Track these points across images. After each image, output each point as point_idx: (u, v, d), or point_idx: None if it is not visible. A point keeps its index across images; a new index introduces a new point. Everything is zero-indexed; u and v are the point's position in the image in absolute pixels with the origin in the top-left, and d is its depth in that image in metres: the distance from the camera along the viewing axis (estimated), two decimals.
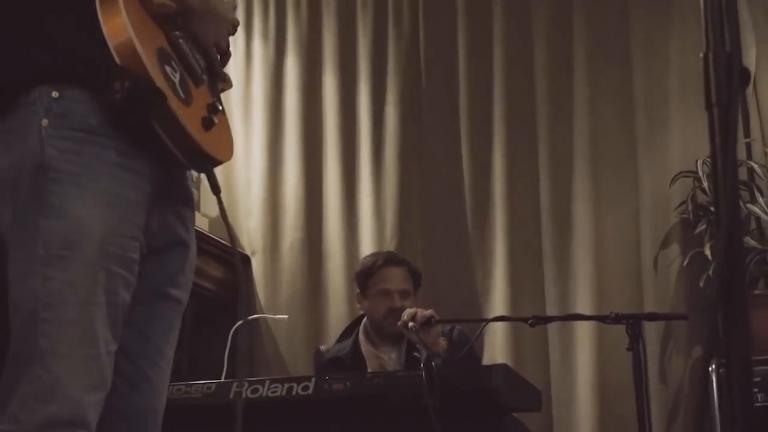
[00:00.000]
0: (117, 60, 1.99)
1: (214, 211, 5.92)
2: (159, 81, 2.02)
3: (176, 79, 2.11)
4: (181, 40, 2.19)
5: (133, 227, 2.09)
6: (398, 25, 5.90)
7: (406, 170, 5.72)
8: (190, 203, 2.35)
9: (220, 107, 2.26)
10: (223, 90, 2.43)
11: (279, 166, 5.96)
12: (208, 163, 2.20)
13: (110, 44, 2.00)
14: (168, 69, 2.10)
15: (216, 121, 2.19)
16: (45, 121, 2.01)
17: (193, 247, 2.34)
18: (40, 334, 1.96)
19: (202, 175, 2.35)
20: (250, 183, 5.98)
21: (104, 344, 2.02)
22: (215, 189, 2.28)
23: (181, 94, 2.11)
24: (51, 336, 1.96)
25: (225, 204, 2.33)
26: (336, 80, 5.94)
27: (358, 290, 4.46)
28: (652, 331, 4.94)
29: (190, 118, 2.10)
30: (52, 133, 2.01)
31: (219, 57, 2.32)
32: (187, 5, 2.19)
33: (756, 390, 3.50)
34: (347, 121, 5.89)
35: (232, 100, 6.01)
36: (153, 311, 2.22)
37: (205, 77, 2.26)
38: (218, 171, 6.15)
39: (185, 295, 2.30)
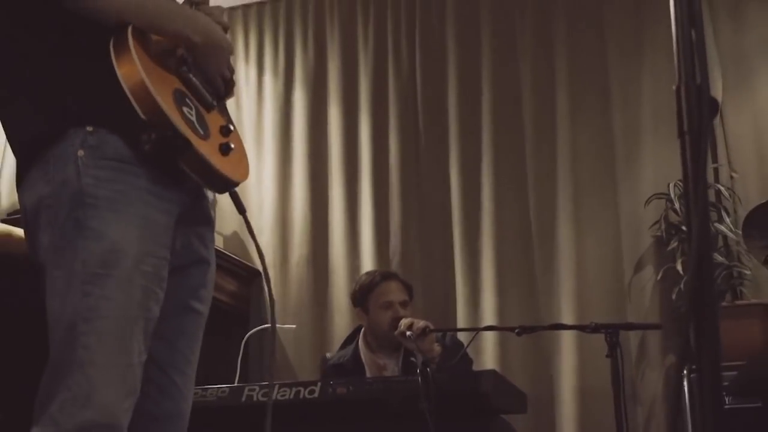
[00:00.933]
0: (141, 115, 2.00)
1: (228, 229, 5.93)
2: (182, 128, 2.03)
3: (193, 117, 2.12)
4: (190, 75, 2.18)
5: (163, 248, 2.10)
6: (397, 62, 5.91)
7: (404, 194, 5.71)
8: (210, 224, 2.34)
9: (232, 127, 2.26)
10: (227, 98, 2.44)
11: (288, 189, 5.96)
12: (229, 185, 2.19)
13: (134, 103, 2.00)
14: (185, 110, 2.11)
15: (232, 145, 2.18)
16: (81, 152, 2.02)
17: (213, 264, 2.34)
18: (79, 345, 1.97)
19: (218, 195, 2.35)
20: (261, 204, 5.98)
21: (137, 355, 2.03)
22: (240, 209, 2.27)
23: (200, 131, 2.11)
24: (89, 347, 1.97)
25: (238, 224, 2.35)
26: (340, 112, 5.94)
27: (357, 308, 4.45)
28: (629, 339, 4.93)
29: (210, 152, 2.10)
30: (88, 163, 2.02)
31: (224, 84, 2.30)
32: (191, 42, 2.19)
33: (724, 393, 3.50)
34: (350, 149, 5.89)
35: (245, 129, 6.05)
36: (179, 324, 2.23)
37: (215, 103, 2.25)
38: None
39: (206, 307, 2.31)
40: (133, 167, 2.04)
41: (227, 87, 2.31)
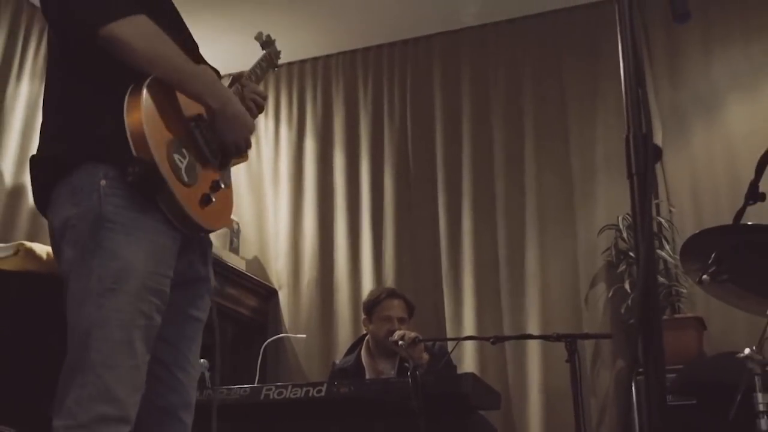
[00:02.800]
0: (133, 152, 2.01)
1: (250, 254, 5.95)
2: (164, 168, 2.03)
3: (183, 165, 2.11)
4: (195, 131, 2.19)
5: (167, 268, 2.10)
6: (391, 117, 5.94)
7: (397, 226, 5.71)
8: (209, 245, 2.34)
9: (222, 185, 2.24)
10: (238, 162, 2.42)
11: (299, 221, 5.96)
12: (200, 230, 2.17)
13: (129, 140, 2.01)
14: (176, 157, 2.10)
15: (214, 198, 2.17)
16: (103, 182, 2.03)
17: (211, 277, 2.34)
18: (93, 349, 1.97)
19: (243, 227, 2.34)
20: (278, 234, 5.97)
21: (142, 357, 2.03)
22: None
23: (184, 178, 2.09)
24: (101, 350, 1.97)
25: (260, 250, 2.35)
26: (343, 157, 5.96)
27: (364, 316, 4.44)
28: (585, 347, 4.92)
29: (189, 198, 2.09)
30: (109, 192, 2.03)
31: (236, 151, 2.29)
32: (209, 106, 2.19)
33: (667, 392, 3.49)
34: (352, 188, 5.89)
35: (264, 171, 6.09)
36: (181, 329, 2.22)
37: (214, 160, 2.24)
38: (254, 226, 6.19)
39: (204, 314, 2.31)
40: (146, 199, 2.05)
41: (239, 153, 2.30)
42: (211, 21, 5.51)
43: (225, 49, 5.92)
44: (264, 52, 2.87)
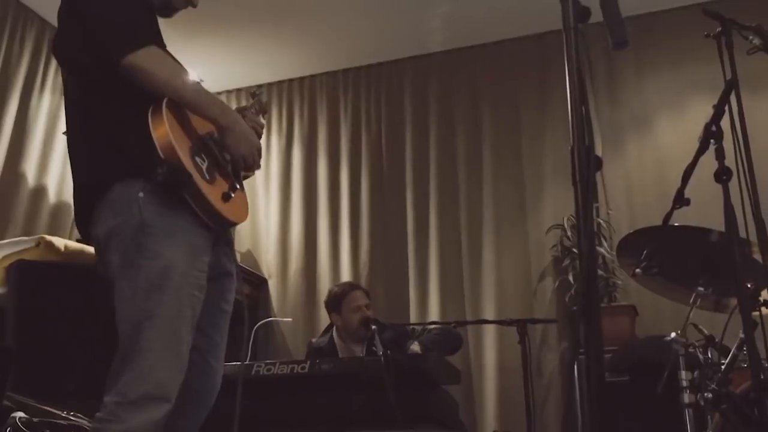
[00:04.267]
0: (161, 155, 2.00)
1: (244, 248, 5.93)
2: (188, 166, 2.03)
3: (204, 166, 2.11)
4: (210, 142, 2.18)
5: (204, 264, 2.11)
6: (368, 127, 5.94)
7: (372, 223, 5.71)
8: (231, 244, 2.36)
9: (238, 186, 2.23)
10: (246, 177, 2.40)
11: (287, 219, 5.95)
12: (224, 222, 2.14)
13: (157, 145, 2.00)
14: (198, 159, 2.10)
15: (233, 195, 2.16)
16: (141, 194, 2.03)
17: (235, 274, 2.33)
18: (142, 337, 1.97)
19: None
20: (268, 230, 5.96)
21: (186, 344, 2.04)
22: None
23: (206, 176, 2.09)
24: (149, 339, 1.98)
25: (252, 244, 2.35)
26: (326, 164, 5.96)
27: (332, 312, 4.39)
28: (534, 330, 4.92)
29: (211, 192, 2.08)
30: (147, 201, 2.03)
31: (245, 164, 2.27)
32: (219, 124, 2.18)
33: (605, 370, 3.50)
34: (333, 190, 5.89)
35: (256, 175, 5.98)
36: (214, 320, 2.22)
37: (227, 169, 2.22)
38: (248, 224, 6.17)
39: (231, 307, 2.31)
40: (179, 206, 2.05)
41: (247, 166, 2.28)
42: (209, 42, 5.47)
43: (221, 67, 5.91)
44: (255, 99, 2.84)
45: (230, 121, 2.20)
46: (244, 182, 2.34)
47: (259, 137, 2.47)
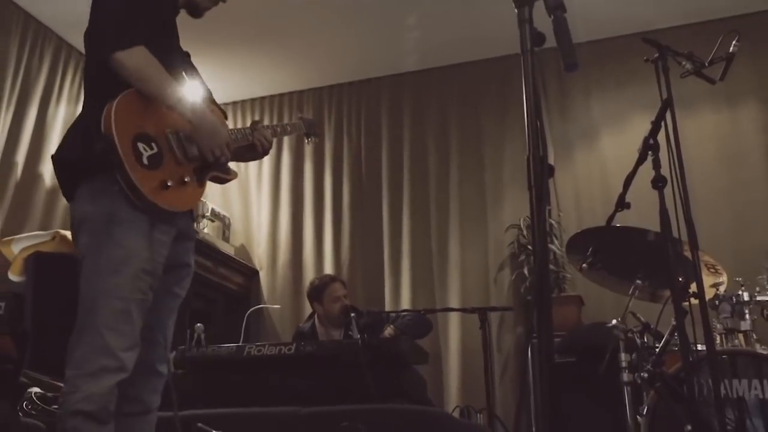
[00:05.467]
0: (102, 131, 1.97)
1: (238, 243, 5.88)
2: (123, 149, 1.97)
3: (146, 153, 2.03)
4: (170, 135, 2.12)
5: (161, 256, 2.09)
6: (349, 136, 5.92)
7: (352, 221, 5.70)
8: (192, 239, 2.29)
9: (187, 180, 2.13)
10: (227, 180, 2.34)
11: (277, 217, 5.91)
12: (153, 207, 2.03)
13: (102, 124, 1.98)
14: (141, 145, 2.03)
15: (170, 184, 2.06)
16: (117, 188, 2.00)
17: (192, 264, 2.29)
18: (98, 315, 1.97)
19: (231, 220, 2.28)
20: (260, 227, 5.92)
21: (137, 322, 2.02)
22: None
23: (144, 162, 2.02)
24: (105, 316, 1.97)
25: (246, 239, 2.30)
26: (312, 169, 5.92)
27: (314, 302, 4.37)
28: (494, 317, 4.93)
29: (145, 177, 2.01)
30: (120, 194, 2.01)
31: (214, 160, 2.19)
32: (185, 116, 2.14)
33: (554, 352, 3.52)
34: (318, 191, 5.86)
35: (250, 177, 6.03)
36: (164, 302, 2.19)
37: (188, 162, 2.14)
38: (241, 221, 6.15)
39: (184, 291, 2.26)
40: (147, 204, 2.02)
41: (215, 159, 2.19)
42: (210, 59, 5.44)
43: (220, 82, 5.88)
44: (304, 131, 2.81)
45: (195, 118, 2.14)
46: (239, 183, 2.29)
47: (266, 151, 2.43)
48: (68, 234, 4.23)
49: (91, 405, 1.89)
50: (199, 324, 3.65)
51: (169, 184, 2.06)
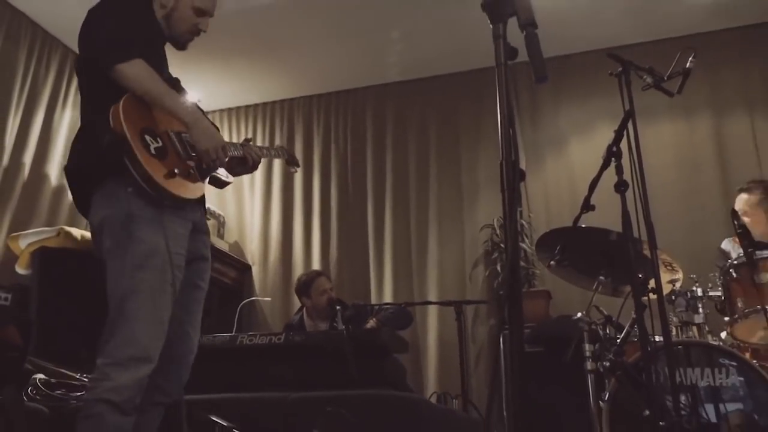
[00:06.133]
0: (111, 125, 1.95)
1: (232, 239, 5.85)
2: (132, 139, 1.95)
3: (153, 145, 2.01)
4: (172, 134, 2.10)
5: (182, 248, 2.07)
6: (336, 142, 5.90)
7: (339, 221, 5.68)
8: (207, 232, 2.28)
9: (193, 172, 2.11)
10: (226, 183, 2.34)
11: (269, 216, 5.87)
12: (164, 193, 2.00)
13: (111, 121, 1.96)
14: (148, 138, 2.01)
15: (177, 171, 2.04)
16: (130, 189, 1.99)
17: (209, 258, 2.28)
18: (127, 308, 1.94)
19: (226, 219, 2.27)
20: (252, 225, 5.89)
21: (165, 314, 2.00)
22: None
23: (152, 152, 2.00)
24: (133, 309, 1.94)
25: (239, 236, 2.28)
26: (302, 173, 5.88)
27: (301, 296, 4.36)
28: (469, 310, 4.94)
29: (154, 166, 1.98)
30: (134, 194, 1.99)
31: (211, 162, 2.15)
32: (183, 120, 2.12)
33: (524, 343, 3.53)
34: (307, 193, 5.83)
35: (243, 179, 5.97)
36: (191, 296, 2.17)
37: (187, 158, 2.11)
38: (236, 219, 6.11)
39: (206, 284, 2.25)
40: (161, 200, 2.01)
41: (212, 161, 2.15)
42: (207, 68, 5.41)
43: (216, 90, 5.85)
44: (287, 158, 2.80)
45: (193, 120, 2.11)
46: (233, 184, 2.27)
47: (255, 165, 2.40)
48: (72, 230, 4.20)
49: (118, 396, 1.88)
50: None
51: (176, 171, 2.04)
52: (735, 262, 3.12)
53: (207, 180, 2.24)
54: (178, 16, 2.27)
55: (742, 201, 3.75)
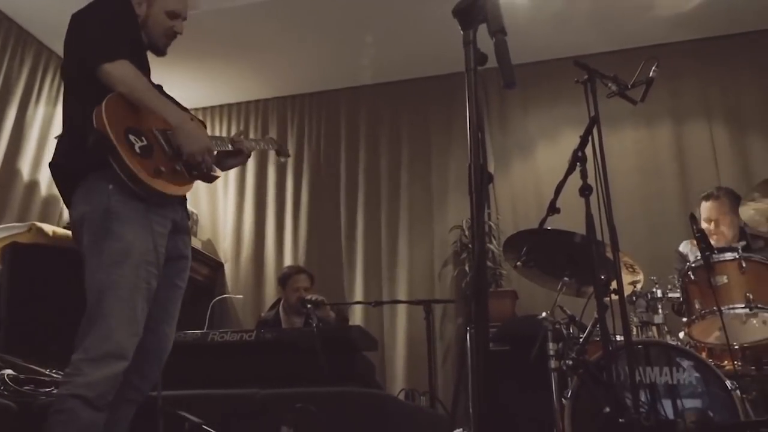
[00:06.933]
0: (94, 125, 1.94)
1: (205, 237, 5.80)
2: (116, 138, 1.93)
3: (138, 144, 2.00)
4: (157, 132, 2.09)
5: (161, 246, 2.04)
6: (309, 142, 5.88)
7: (311, 219, 5.66)
8: (188, 232, 2.26)
9: (178, 169, 2.10)
10: (214, 178, 2.30)
11: (241, 214, 5.84)
12: (150, 190, 1.98)
13: (93, 120, 1.94)
14: (132, 137, 1.99)
15: (163, 169, 2.02)
16: (111, 186, 1.96)
17: (189, 257, 2.25)
18: (104, 305, 1.92)
19: (199, 217, 2.25)
20: (225, 223, 5.85)
21: (140, 311, 1.98)
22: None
23: (137, 151, 1.98)
24: (110, 306, 1.92)
25: (212, 234, 2.27)
26: (274, 170, 5.86)
27: (280, 286, 4.36)
28: (437, 309, 4.95)
29: (139, 163, 1.96)
30: (114, 191, 1.97)
31: (197, 165, 2.14)
32: (168, 121, 2.10)
33: (490, 341, 3.54)
34: (280, 192, 5.81)
35: (220, 180, 5.88)
36: (168, 294, 2.15)
37: (174, 155, 2.10)
38: (209, 217, 6.04)
39: (184, 283, 2.23)
40: (140, 198, 1.99)
41: (198, 164, 2.14)
42: (183, 68, 5.35)
43: (192, 89, 5.79)
44: (276, 148, 2.78)
45: (179, 122, 2.09)
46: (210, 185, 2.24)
47: (247, 155, 2.41)
48: (44, 226, 4.12)
49: (91, 391, 1.85)
50: None
51: (162, 169, 2.02)
52: (693, 265, 3.17)
53: (194, 178, 2.21)
54: (152, 22, 2.27)
55: (713, 208, 3.76)
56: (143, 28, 2.26)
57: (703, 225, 3.82)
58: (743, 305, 2.95)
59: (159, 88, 2.28)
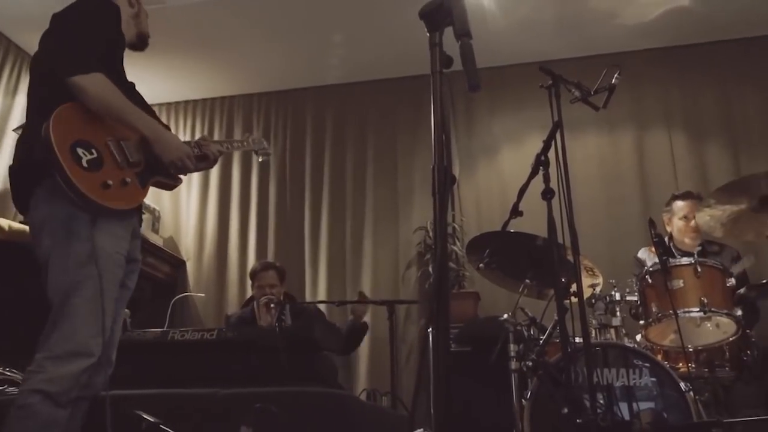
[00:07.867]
0: (43, 137, 1.92)
1: (167, 234, 5.71)
2: (61, 152, 1.91)
3: (86, 157, 1.97)
4: (111, 143, 2.07)
5: (123, 248, 2.06)
6: (275, 141, 5.85)
7: (277, 219, 5.62)
8: (139, 236, 2.26)
9: (128, 181, 2.08)
10: (173, 186, 2.31)
11: (204, 212, 5.77)
12: (93, 205, 1.96)
13: (42, 132, 1.92)
14: (80, 150, 1.97)
15: (111, 183, 2.00)
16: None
17: (140, 259, 2.27)
18: (70, 305, 1.92)
19: (161, 213, 2.23)
20: (188, 220, 5.77)
21: (108, 311, 1.97)
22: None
23: (84, 165, 1.96)
24: (75, 306, 1.92)
25: (174, 231, 2.26)
26: (239, 167, 5.81)
27: (252, 282, 4.32)
28: (401, 309, 4.96)
29: (85, 179, 1.94)
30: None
31: (179, 171, 2.19)
32: (143, 134, 2.11)
33: (452, 342, 3.57)
34: (244, 190, 5.76)
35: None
36: (118, 295, 2.12)
37: (129, 167, 2.09)
38: (171, 214, 5.97)
39: (133, 285, 2.24)
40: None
41: (178, 170, 2.19)
42: (150, 64, 5.27)
43: (158, 85, 5.71)
44: (254, 148, 2.76)
45: (154, 135, 2.12)
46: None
47: (215, 160, 2.43)
48: (0, 221, 4.02)
49: (53, 387, 1.84)
50: (126, 309, 3.53)
51: (109, 183, 2.01)
52: (651, 269, 3.23)
53: (148, 187, 2.20)
54: (144, 15, 2.32)
55: (691, 206, 3.85)
56: (136, 19, 2.30)
57: (680, 223, 3.92)
58: (698, 309, 3.02)
59: (132, 86, 2.28)
